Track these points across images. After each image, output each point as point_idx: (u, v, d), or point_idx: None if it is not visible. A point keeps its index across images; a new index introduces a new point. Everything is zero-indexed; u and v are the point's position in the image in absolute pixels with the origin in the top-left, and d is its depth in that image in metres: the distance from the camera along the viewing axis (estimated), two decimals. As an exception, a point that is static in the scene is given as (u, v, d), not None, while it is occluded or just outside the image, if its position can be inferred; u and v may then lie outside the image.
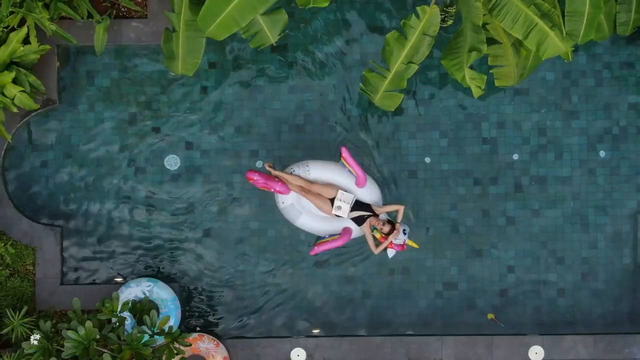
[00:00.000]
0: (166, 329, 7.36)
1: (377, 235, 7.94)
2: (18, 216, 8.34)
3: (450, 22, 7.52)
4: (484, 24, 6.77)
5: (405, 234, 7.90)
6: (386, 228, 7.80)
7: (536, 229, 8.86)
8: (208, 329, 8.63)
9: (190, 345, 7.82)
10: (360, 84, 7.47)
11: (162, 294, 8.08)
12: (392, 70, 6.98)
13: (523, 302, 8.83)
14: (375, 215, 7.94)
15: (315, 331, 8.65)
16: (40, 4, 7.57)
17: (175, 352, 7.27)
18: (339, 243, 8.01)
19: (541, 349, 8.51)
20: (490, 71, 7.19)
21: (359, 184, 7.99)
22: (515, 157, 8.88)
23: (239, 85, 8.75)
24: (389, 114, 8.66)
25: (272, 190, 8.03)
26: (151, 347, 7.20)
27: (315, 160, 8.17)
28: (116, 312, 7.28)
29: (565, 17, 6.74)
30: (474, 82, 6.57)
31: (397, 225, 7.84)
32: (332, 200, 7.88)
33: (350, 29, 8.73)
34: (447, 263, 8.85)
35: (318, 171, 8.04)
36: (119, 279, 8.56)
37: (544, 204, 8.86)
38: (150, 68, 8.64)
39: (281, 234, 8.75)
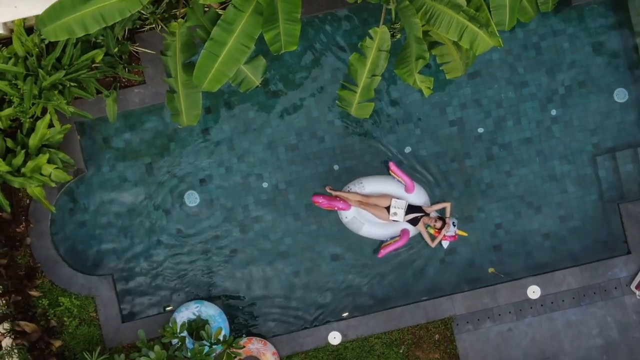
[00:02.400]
0: (221, 339, 8.63)
1: (431, 231, 9.37)
2: (74, 273, 9.57)
3: (398, 35, 8.77)
4: (426, 32, 8.03)
5: (454, 225, 9.34)
6: (438, 224, 9.21)
7: (512, 187, 10.08)
8: (254, 332, 9.85)
9: (244, 347, 9.08)
10: (337, 101, 8.71)
11: (210, 311, 9.33)
12: (360, 85, 8.22)
13: (515, 251, 10.06)
14: (427, 214, 9.33)
15: (344, 314, 9.89)
16: (55, 92, 8.84)
17: (233, 355, 8.55)
18: (400, 243, 9.43)
19: (537, 287, 9.75)
20: (440, 68, 8.42)
21: (408, 190, 9.36)
22: (481, 130, 10.10)
23: (234, 121, 9.96)
24: (369, 118, 9.90)
25: (336, 208, 9.46)
26: (212, 356, 8.47)
27: (368, 177, 9.56)
28: (176, 333, 8.54)
29: (492, 12, 8.02)
30: (424, 84, 7.82)
31: (447, 220, 9.25)
32: (387, 208, 9.23)
33: (317, 54, 9.98)
34: (444, 232, 10.11)
35: (371, 185, 9.42)
36: (169, 308, 9.79)
37: (514, 165, 10.09)
38: (156, 124, 9.85)
39: (298, 240, 9.98)
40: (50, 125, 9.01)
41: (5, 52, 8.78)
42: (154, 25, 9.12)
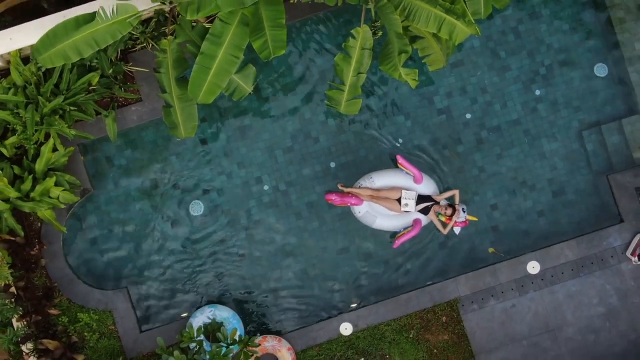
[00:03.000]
0: (237, 339, 8.94)
1: (443, 219, 9.64)
2: (89, 289, 9.87)
3: (380, 33, 9.05)
4: (406, 27, 8.32)
5: (464, 211, 9.62)
6: (449, 211, 9.48)
7: (503, 168, 10.38)
8: (268, 330, 10.14)
9: (259, 345, 9.38)
10: (326, 101, 9.00)
11: (223, 313, 9.63)
12: (347, 84, 8.49)
13: (512, 230, 10.35)
14: (437, 203, 9.59)
15: (353, 305, 10.19)
16: (56, 117, 9.13)
17: (250, 354, 8.85)
18: (413, 233, 9.70)
19: (536, 262, 10.05)
20: (423, 61, 8.72)
21: (417, 181, 9.64)
22: (469, 116, 10.41)
23: (230, 129, 10.25)
24: (360, 114, 10.19)
25: (349, 204, 9.73)
26: (230, 356, 8.77)
27: (377, 171, 9.81)
28: (194, 337, 8.84)
29: (467, 3, 8.30)
30: (409, 77, 8.10)
31: (457, 207, 9.52)
32: (398, 200, 9.50)
33: (304, 57, 10.28)
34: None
35: (381, 179, 9.70)
36: (184, 314, 10.09)
37: (504, 147, 10.38)
38: (156, 138, 10.14)
39: (302, 237, 10.27)
40: (54, 149, 9.30)
41: (4, 82, 9.08)
42: (144, 44, 9.41)
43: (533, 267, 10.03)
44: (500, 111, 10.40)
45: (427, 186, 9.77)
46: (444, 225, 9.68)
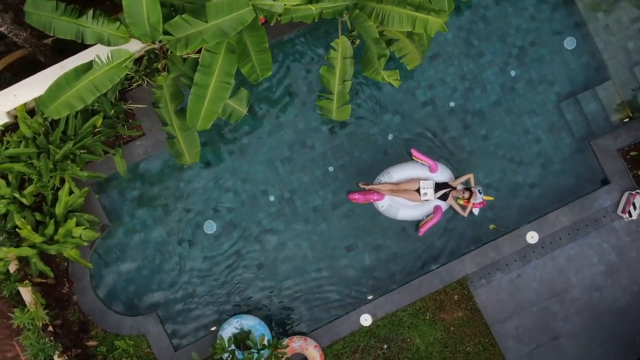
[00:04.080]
0: (266, 344, 9.43)
1: (461, 202, 10.13)
2: (121, 318, 10.36)
3: (357, 41, 9.54)
4: (381, 32, 8.82)
5: (480, 193, 10.10)
6: (466, 194, 9.97)
7: (491, 148, 10.84)
8: (294, 331, 10.62)
9: (287, 346, 9.87)
10: (318, 112, 9.49)
11: (250, 322, 10.11)
12: (334, 93, 8.98)
13: (508, 205, 10.81)
14: (454, 188, 10.08)
15: (370, 297, 10.68)
16: (68, 161, 9.62)
17: (280, 356, 9.34)
18: (436, 219, 10.19)
19: (534, 232, 10.52)
20: (401, 61, 9.20)
21: (432, 170, 10.13)
22: (452, 104, 10.87)
23: (231, 149, 10.73)
24: (350, 117, 10.63)
25: (371, 200, 10.21)
26: (261, 360, 9.28)
27: (394, 166, 10.29)
28: (226, 348, 9.33)
29: (432, 2, 8.79)
30: (392, 78, 8.60)
31: (473, 189, 10.01)
32: (417, 191, 9.97)
33: (291, 71, 10.76)
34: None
35: (398, 173, 10.21)
36: (213, 328, 10.57)
37: (489, 128, 10.85)
38: (163, 168, 10.62)
39: (312, 240, 10.75)
40: (71, 192, 9.80)
41: (15, 137, 9.57)
42: (140, 82, 9.90)
43: (532, 237, 10.50)
44: (481, 95, 10.87)
45: (443, 174, 10.24)
46: (463, 208, 10.13)
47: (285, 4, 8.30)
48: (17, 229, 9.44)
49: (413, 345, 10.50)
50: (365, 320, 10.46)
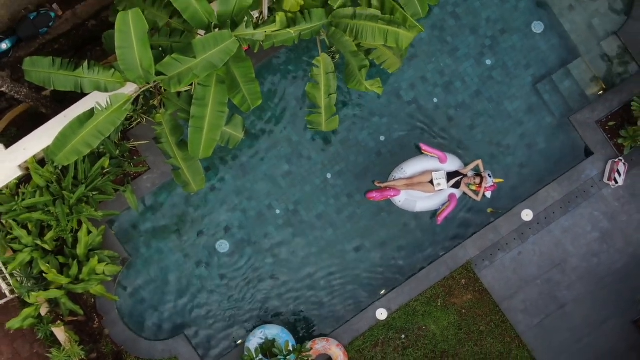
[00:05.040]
0: (291, 349, 9.91)
1: (474, 188, 10.66)
2: (152, 344, 10.84)
3: (337, 56, 10.02)
4: (358, 45, 9.29)
5: (490, 177, 10.64)
6: (477, 180, 10.53)
7: (478, 136, 11.30)
8: (315, 334, 11.09)
9: (311, 349, 10.35)
10: (308, 126, 9.96)
11: (273, 331, 10.59)
12: (322, 107, 9.44)
13: (500, 187, 11.23)
14: (465, 175, 10.61)
15: (382, 292, 11.15)
16: (82, 204, 10.09)
17: (306, 358, 9.81)
18: (452, 206, 10.72)
19: (529, 210, 10.99)
20: (381, 67, 9.68)
21: (442, 161, 10.65)
22: (435, 100, 11.34)
23: (233, 171, 11.18)
24: (340, 126, 11.11)
25: (389, 197, 10.70)
26: (289, 365, 9.75)
27: (406, 162, 10.79)
28: (254, 358, 9.81)
29: (405, 9, 9.25)
30: (374, 87, 9.08)
31: (483, 174, 10.56)
32: (431, 182, 10.49)
33: (279, 90, 11.23)
34: (438, 195, 11.32)
35: (411, 168, 10.73)
36: (239, 341, 11.04)
37: (474, 118, 11.30)
38: (171, 197, 11.08)
39: (321, 246, 11.21)
40: (88, 232, 10.27)
41: (29, 188, 10.05)
42: (139, 120, 10.37)
43: (527, 215, 10.97)
44: (462, 88, 11.34)
45: (453, 163, 10.75)
46: (476, 193, 10.63)
47: (265, 32, 8.77)
48: (43, 274, 9.93)
49: (429, 331, 10.98)
50: (381, 314, 10.93)
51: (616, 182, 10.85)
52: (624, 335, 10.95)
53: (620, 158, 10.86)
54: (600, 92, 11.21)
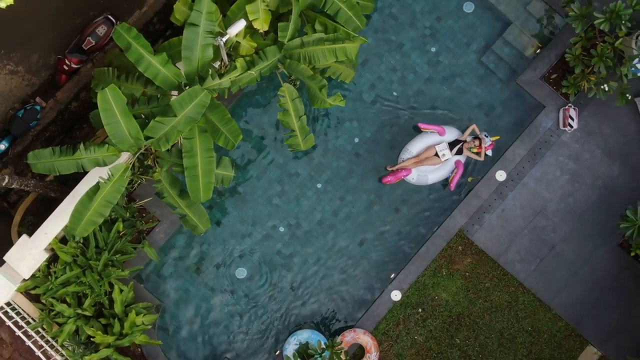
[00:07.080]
0: (324, 347, 10.79)
1: (475, 150, 11.69)
2: (200, 374, 11.77)
3: (298, 82, 10.93)
4: (314, 68, 10.19)
5: (487, 137, 11.68)
6: (476, 142, 11.59)
7: (441, 116, 12.12)
8: (342, 328, 11.95)
9: (342, 342, 11.23)
10: (288, 149, 10.86)
11: (304, 335, 11.48)
12: (296, 129, 10.36)
13: (469, 159, 12.11)
14: (465, 141, 11.62)
15: (392, 276, 12.03)
16: (109, 268, 10.92)
17: (339, 351, 10.70)
18: (460, 171, 11.74)
19: (501, 170, 11.87)
20: (338, 80, 10.59)
21: (441, 134, 11.67)
22: (395, 94, 12.21)
23: (232, 202, 12.06)
24: (317, 139, 11.99)
25: (402, 177, 11.62)
26: (326, 361, 10.64)
27: (409, 142, 11.74)
28: (294, 363, 10.71)
29: (345, 26, 10.10)
30: (337, 101, 10.00)
31: (480, 136, 11.60)
32: (436, 155, 11.48)
33: (254, 121, 12.12)
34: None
35: (415, 146, 11.74)
36: (277, 352, 11.92)
37: (433, 100, 12.10)
38: (184, 241, 11.98)
39: (327, 249, 12.07)
40: (120, 291, 11.13)
41: (59, 266, 10.90)
42: (139, 181, 11.24)
43: (501, 175, 11.87)
44: (414, 77, 12.22)
45: (451, 133, 11.74)
46: (478, 154, 11.62)
47: (230, 79, 9.66)
48: (90, 338, 10.79)
49: (442, 300, 11.87)
50: (396, 295, 11.82)
51: (571, 126, 11.73)
52: (613, 258, 11.85)
53: (570, 104, 11.76)
54: (538, 51, 12.11)
